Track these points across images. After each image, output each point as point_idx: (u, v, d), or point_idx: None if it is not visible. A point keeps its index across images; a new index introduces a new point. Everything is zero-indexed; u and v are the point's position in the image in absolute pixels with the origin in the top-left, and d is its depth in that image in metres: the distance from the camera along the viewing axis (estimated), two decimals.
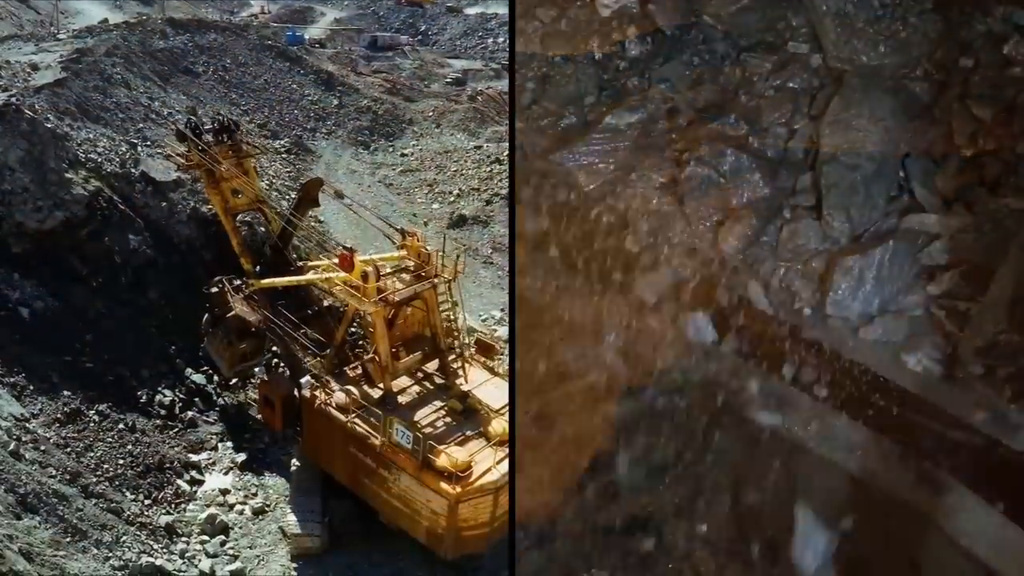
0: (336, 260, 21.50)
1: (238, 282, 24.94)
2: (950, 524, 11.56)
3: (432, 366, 22.23)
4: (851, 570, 12.73)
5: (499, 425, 19.45)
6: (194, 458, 25.16)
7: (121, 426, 24.13)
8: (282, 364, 26.38)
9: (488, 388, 21.39)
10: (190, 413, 26.69)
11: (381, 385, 21.17)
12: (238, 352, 25.59)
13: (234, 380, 28.95)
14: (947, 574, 11.64)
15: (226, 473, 25.09)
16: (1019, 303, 11.31)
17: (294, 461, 25.12)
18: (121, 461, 23.14)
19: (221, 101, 46.68)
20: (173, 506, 23.27)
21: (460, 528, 18.95)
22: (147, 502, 22.78)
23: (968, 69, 12.81)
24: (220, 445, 26.26)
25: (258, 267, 25.93)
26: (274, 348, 25.94)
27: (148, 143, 34.65)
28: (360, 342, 27.27)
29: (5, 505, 19.29)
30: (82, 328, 26.30)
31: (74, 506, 20.85)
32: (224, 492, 24.19)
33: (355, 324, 24.83)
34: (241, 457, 25.66)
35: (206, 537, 22.43)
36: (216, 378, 28.79)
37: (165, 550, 21.67)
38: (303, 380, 22.47)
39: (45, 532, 19.61)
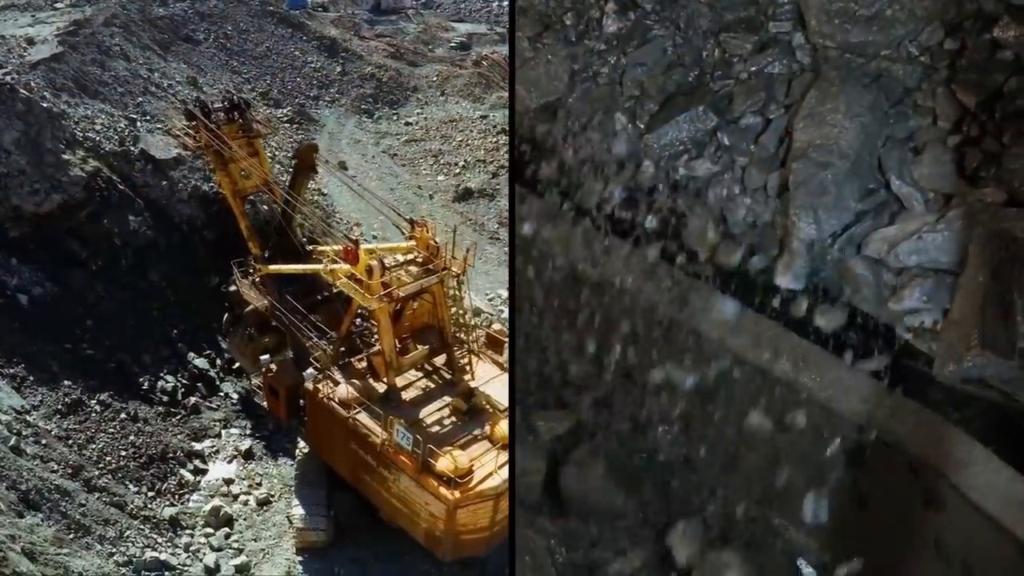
0: (341, 247, 20.91)
1: (255, 278, 24.48)
2: (960, 478, 11.30)
3: (440, 360, 21.77)
4: (859, 524, 12.52)
5: (505, 426, 19.05)
6: (197, 447, 24.92)
7: (123, 416, 23.86)
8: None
9: (496, 385, 20.94)
10: (193, 399, 26.41)
11: (386, 380, 20.75)
12: (260, 347, 25.11)
13: (238, 364, 28.72)
14: (957, 529, 11.39)
15: (230, 462, 24.86)
16: (989, 311, 10.78)
17: (299, 449, 24.89)
18: (123, 452, 22.91)
19: (222, 69, 45.80)
20: (177, 497, 23.09)
21: (458, 532, 18.62)
22: (150, 494, 22.59)
23: (954, 52, 12.36)
24: (224, 432, 26.03)
25: (266, 252, 25.43)
26: None
27: (148, 118, 33.92)
28: (368, 326, 26.86)
29: (7, 504, 19.11)
30: (82, 313, 25.91)
31: (77, 501, 20.69)
32: (228, 482, 23.98)
33: (363, 312, 24.37)
34: (245, 444, 25.43)
35: (210, 530, 22.25)
36: (219, 362, 28.50)
37: (169, 544, 21.53)
38: (306, 372, 22.05)
39: (48, 530, 19.46)
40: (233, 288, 24.96)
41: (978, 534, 11.16)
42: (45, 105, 27.84)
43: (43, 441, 21.49)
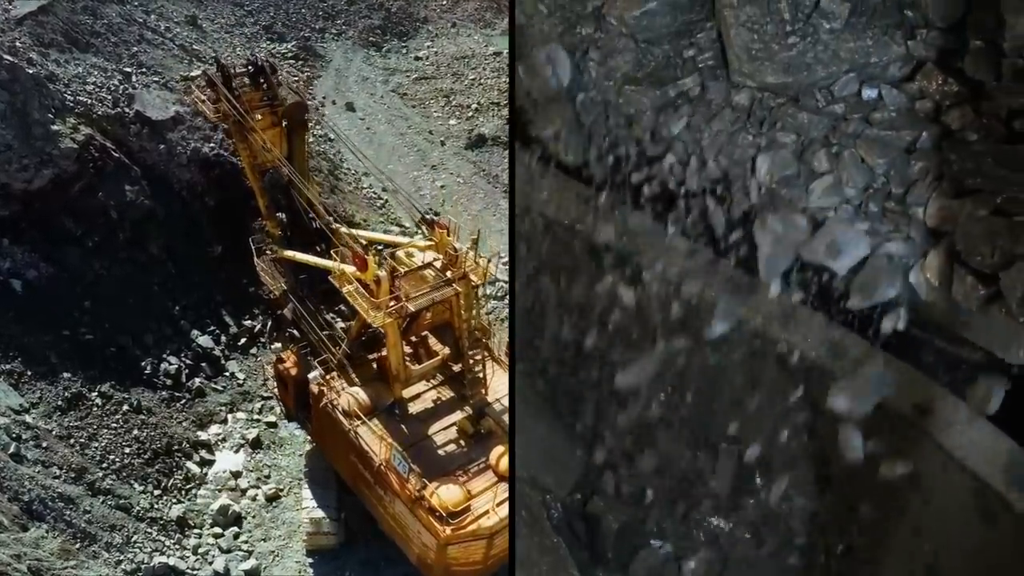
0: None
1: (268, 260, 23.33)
2: (943, 436, 11.50)
3: (458, 367, 20.63)
4: (847, 482, 12.63)
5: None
6: (203, 435, 24.35)
7: (126, 407, 23.17)
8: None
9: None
10: (197, 381, 25.71)
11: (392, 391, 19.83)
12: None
13: (243, 340, 27.94)
14: (940, 485, 11.64)
15: (237, 451, 24.31)
16: None
17: (308, 440, 24.30)
18: (127, 449, 22.34)
19: (223, 3, 43.46)
20: (183, 493, 22.66)
21: (449, 564, 17.84)
22: (156, 492, 22.13)
23: (870, 103, 11.38)
24: (230, 417, 25.43)
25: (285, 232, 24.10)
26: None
27: (144, 70, 32.16)
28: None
29: (10, 518, 18.63)
30: (79, 295, 24.88)
31: (81, 508, 20.24)
32: (236, 475, 23.47)
33: None
34: (253, 433, 24.85)
35: (219, 529, 21.85)
36: (223, 339, 27.67)
37: (177, 546, 21.19)
38: (310, 375, 21.11)
39: (53, 542, 19.04)
40: (273, 296, 23.66)
41: (960, 489, 11.29)
42: (31, 71, 26.15)
43: (44, 444, 20.88)
